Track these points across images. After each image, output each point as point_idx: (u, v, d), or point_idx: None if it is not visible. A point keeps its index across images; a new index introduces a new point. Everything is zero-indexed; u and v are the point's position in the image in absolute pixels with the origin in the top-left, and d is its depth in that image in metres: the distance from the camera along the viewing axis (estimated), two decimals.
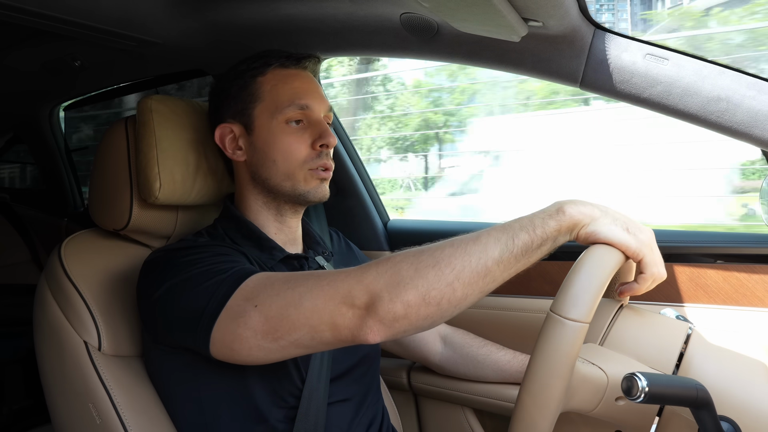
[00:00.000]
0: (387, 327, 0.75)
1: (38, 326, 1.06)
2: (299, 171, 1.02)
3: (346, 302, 0.76)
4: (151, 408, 1.00)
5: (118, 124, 1.11)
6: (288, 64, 1.06)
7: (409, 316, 0.74)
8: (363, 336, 0.76)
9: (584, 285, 0.70)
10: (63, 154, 2.21)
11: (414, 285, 0.74)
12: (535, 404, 0.70)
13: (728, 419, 0.74)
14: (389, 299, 0.74)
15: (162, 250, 0.98)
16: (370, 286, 0.75)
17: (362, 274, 0.77)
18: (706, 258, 1.21)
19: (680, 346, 0.83)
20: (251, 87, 1.05)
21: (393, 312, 0.74)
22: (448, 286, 0.73)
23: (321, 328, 0.78)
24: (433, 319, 0.76)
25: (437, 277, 0.73)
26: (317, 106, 1.05)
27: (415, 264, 0.75)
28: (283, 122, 1.03)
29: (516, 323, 1.35)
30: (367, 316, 0.75)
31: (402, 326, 0.75)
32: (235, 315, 0.82)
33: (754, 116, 0.96)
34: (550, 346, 0.69)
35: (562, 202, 0.78)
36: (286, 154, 1.02)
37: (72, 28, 1.14)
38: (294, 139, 1.02)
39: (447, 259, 0.74)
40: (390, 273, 0.75)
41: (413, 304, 0.74)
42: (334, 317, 0.77)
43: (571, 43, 1.04)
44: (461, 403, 1.36)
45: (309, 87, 1.06)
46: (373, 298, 0.75)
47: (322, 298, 0.78)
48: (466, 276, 0.73)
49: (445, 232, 1.58)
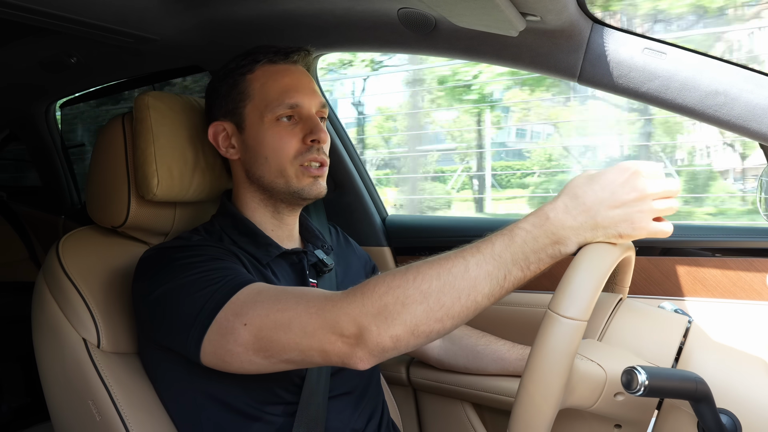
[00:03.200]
0: (376, 357, 0.76)
1: (37, 324, 1.05)
2: (290, 167, 1.02)
3: (334, 332, 0.76)
4: (150, 404, 1.00)
5: (115, 120, 1.10)
6: (276, 59, 1.05)
7: (399, 347, 0.75)
8: (353, 363, 0.77)
9: (582, 283, 0.70)
10: (59, 151, 2.20)
11: (402, 321, 0.73)
12: (534, 402, 0.70)
13: (727, 412, 0.75)
14: (377, 333, 0.74)
15: (156, 248, 0.97)
16: (357, 319, 0.75)
17: (348, 304, 0.76)
18: (704, 252, 1.21)
19: (679, 340, 0.83)
20: (241, 85, 1.04)
21: (382, 345, 0.74)
22: (438, 321, 0.73)
23: (311, 353, 0.79)
24: (423, 344, 0.77)
25: (426, 314, 0.73)
26: (308, 102, 1.03)
27: (401, 299, 0.73)
28: (274, 120, 1.02)
29: (514, 317, 1.36)
30: (356, 346, 0.76)
31: (391, 355, 0.76)
32: (224, 331, 0.82)
33: (752, 110, 0.96)
34: (548, 345, 0.69)
35: (557, 233, 0.73)
36: (276, 151, 1.01)
37: (68, 24, 1.13)
38: (285, 134, 1.02)
39: (435, 295, 0.73)
40: (376, 306, 0.74)
41: (402, 338, 0.74)
42: (323, 345, 0.77)
43: (569, 37, 1.03)
44: (460, 398, 1.37)
45: (299, 83, 1.04)
46: (360, 330, 0.75)
47: (310, 326, 0.78)
48: (456, 311, 0.73)
49: (442, 228, 1.59)
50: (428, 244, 1.53)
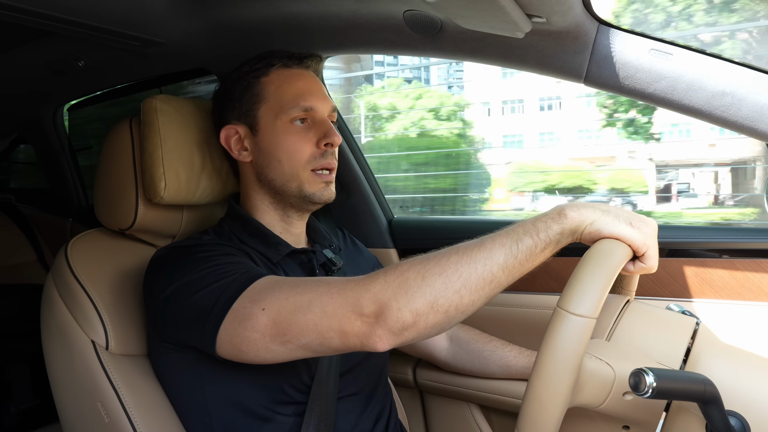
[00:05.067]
0: (396, 335, 0.76)
1: (46, 326, 1.06)
2: (303, 171, 1.03)
3: (354, 310, 0.77)
4: (159, 406, 1.01)
5: (123, 124, 1.11)
6: (291, 63, 1.07)
7: (418, 324, 0.75)
8: (372, 344, 0.77)
9: (591, 280, 0.70)
10: (67, 154, 2.21)
11: (422, 293, 0.74)
12: (543, 400, 0.70)
13: (736, 414, 0.74)
14: (398, 308, 0.74)
15: (168, 247, 0.98)
16: (378, 295, 0.76)
17: (370, 282, 0.78)
18: (712, 253, 1.20)
19: (687, 341, 0.83)
20: (255, 88, 1.05)
21: (402, 321, 0.75)
22: (456, 293, 0.74)
23: (329, 334, 0.79)
24: (441, 326, 0.77)
25: (444, 285, 0.74)
26: (321, 106, 1.05)
27: (422, 272, 0.75)
28: (288, 122, 1.03)
29: (521, 319, 1.35)
30: (376, 324, 0.76)
31: (410, 334, 0.76)
32: (242, 317, 0.82)
33: (760, 111, 0.95)
34: (557, 342, 0.69)
35: (563, 206, 0.79)
36: (290, 154, 1.02)
37: (75, 28, 1.14)
38: (298, 138, 1.03)
39: (453, 266, 0.75)
40: (398, 282, 0.76)
41: (422, 313, 0.74)
42: (343, 325, 0.77)
43: (575, 38, 1.03)
44: (467, 400, 1.37)
45: (312, 87, 1.07)
46: (381, 307, 0.75)
47: (331, 305, 0.78)
48: (473, 282, 0.74)
49: (448, 229, 1.58)
50: (434, 245, 1.51)
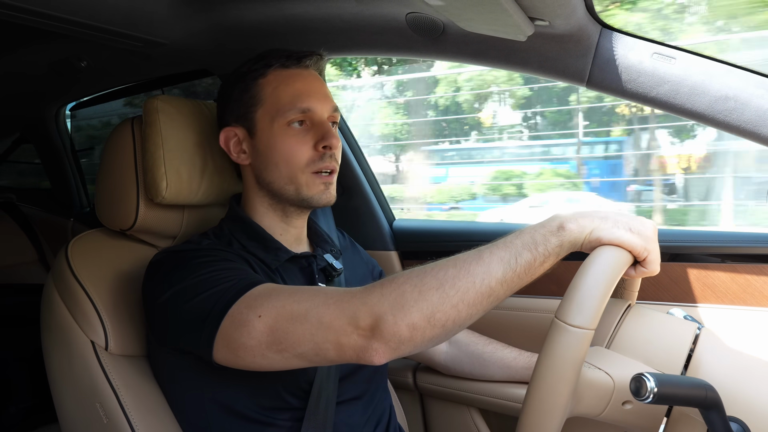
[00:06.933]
0: (392, 349, 0.75)
1: (45, 326, 1.06)
2: (302, 174, 1.01)
3: (351, 323, 0.76)
4: (158, 408, 1.00)
5: (124, 124, 1.11)
6: (289, 63, 1.04)
7: (414, 338, 0.74)
8: (368, 357, 0.76)
9: (589, 291, 0.70)
10: (69, 154, 2.22)
11: (419, 308, 0.73)
12: (541, 411, 0.69)
13: (737, 420, 0.74)
14: (394, 322, 0.74)
15: (167, 251, 0.98)
16: (374, 308, 0.75)
17: (367, 295, 0.77)
18: (714, 258, 1.20)
19: (689, 347, 0.82)
20: (252, 90, 1.03)
21: (398, 334, 0.74)
22: (453, 307, 0.73)
23: (325, 345, 0.78)
24: (438, 339, 0.76)
25: (441, 300, 0.73)
26: (320, 107, 1.03)
27: (419, 286, 0.74)
28: (285, 125, 1.01)
29: (522, 323, 1.35)
30: (372, 338, 0.75)
31: (407, 348, 0.75)
32: (238, 323, 0.82)
33: (763, 115, 0.95)
34: (555, 353, 0.69)
35: (562, 219, 0.77)
36: (288, 157, 1.01)
37: (78, 28, 1.14)
38: (296, 141, 1.01)
39: (451, 280, 0.74)
40: (394, 295, 0.75)
41: (418, 327, 0.73)
42: (339, 337, 0.77)
43: (578, 42, 1.03)
44: (467, 403, 1.36)
45: (311, 88, 1.04)
46: (377, 320, 0.74)
47: (327, 317, 0.78)
48: (471, 297, 0.73)
49: (450, 232, 1.58)
50: (435, 249, 1.53)
